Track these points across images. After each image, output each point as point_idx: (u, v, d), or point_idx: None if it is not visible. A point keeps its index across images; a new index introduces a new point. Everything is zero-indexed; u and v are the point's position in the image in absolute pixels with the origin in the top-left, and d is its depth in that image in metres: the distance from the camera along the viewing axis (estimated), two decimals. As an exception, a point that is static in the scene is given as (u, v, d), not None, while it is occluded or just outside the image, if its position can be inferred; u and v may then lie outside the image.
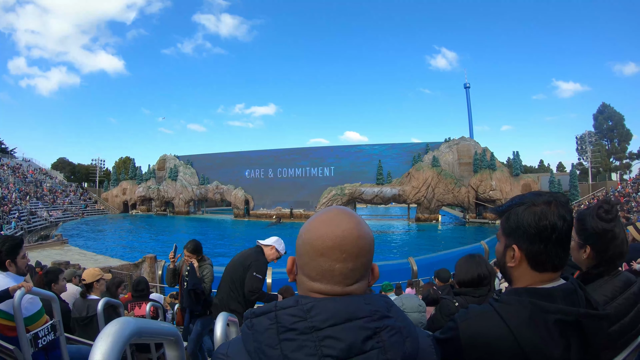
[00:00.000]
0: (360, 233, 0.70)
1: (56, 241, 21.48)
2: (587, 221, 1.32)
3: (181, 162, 54.18)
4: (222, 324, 1.46)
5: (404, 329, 0.67)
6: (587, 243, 1.32)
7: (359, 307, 0.66)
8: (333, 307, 0.65)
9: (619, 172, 47.60)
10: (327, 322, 0.63)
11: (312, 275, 0.70)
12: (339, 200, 41.78)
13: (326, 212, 0.74)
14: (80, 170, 69.50)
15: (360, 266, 0.70)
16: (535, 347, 0.82)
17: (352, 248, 0.68)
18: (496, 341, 0.84)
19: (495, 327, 0.86)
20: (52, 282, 3.50)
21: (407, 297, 3.40)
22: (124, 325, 0.69)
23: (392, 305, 0.71)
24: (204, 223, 42.89)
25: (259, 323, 0.66)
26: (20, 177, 43.85)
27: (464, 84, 59.29)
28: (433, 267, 6.26)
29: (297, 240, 0.74)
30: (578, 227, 1.35)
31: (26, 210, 33.87)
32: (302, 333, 0.62)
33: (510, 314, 0.86)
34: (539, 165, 61.35)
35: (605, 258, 1.29)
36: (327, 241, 0.68)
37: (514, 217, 0.92)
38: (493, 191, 38.05)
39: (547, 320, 0.84)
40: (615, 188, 33.06)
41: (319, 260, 0.69)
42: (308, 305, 0.65)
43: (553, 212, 0.89)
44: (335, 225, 0.69)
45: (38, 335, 2.22)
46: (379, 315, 0.66)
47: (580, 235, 1.34)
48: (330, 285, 0.69)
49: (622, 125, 49.15)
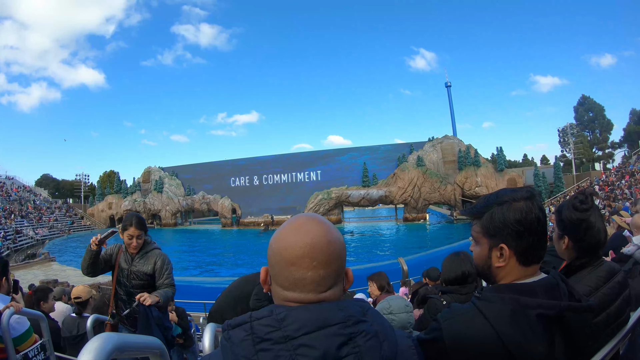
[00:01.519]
0: (330, 239, 0.69)
1: (43, 259, 21.34)
2: (563, 212, 1.35)
3: (166, 174, 53.54)
4: (210, 335, 1.46)
5: (380, 333, 0.66)
6: (564, 233, 1.34)
7: (332, 314, 0.65)
8: (306, 315, 0.64)
9: (602, 161, 48.08)
10: (301, 330, 0.62)
11: (285, 285, 0.69)
12: (326, 204, 41.63)
13: (295, 220, 0.73)
14: (65, 186, 68.36)
15: (332, 272, 0.69)
16: (518, 343, 0.82)
17: (322, 255, 0.68)
18: (480, 340, 0.84)
19: (478, 326, 0.85)
20: (42, 301, 3.44)
21: (394, 299, 3.34)
22: (106, 341, 0.69)
23: (368, 309, 0.69)
24: (193, 234, 42.40)
25: (235, 335, 0.65)
26: (4, 195, 43.02)
27: (445, 83, 59.46)
28: (423, 266, 6.17)
29: (268, 251, 0.73)
30: (557, 218, 1.38)
31: (11, 229, 33.26)
32: (276, 343, 0.62)
33: (492, 312, 0.86)
34: (523, 160, 61.91)
35: (584, 247, 1.29)
36: (296, 250, 0.67)
37: (499, 217, 0.92)
38: (479, 187, 38.24)
39: (528, 316, 0.83)
40: (600, 177, 33.30)
41: (290, 269, 0.68)
42: (281, 315, 0.64)
43: (535, 206, 0.91)
44: (304, 233, 0.68)
45: (28, 356, 2.20)
46: (353, 321, 0.65)
47: (559, 226, 1.37)
48: (303, 293, 0.68)
49: (602, 116, 49.96)
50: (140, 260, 2.86)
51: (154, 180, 52.48)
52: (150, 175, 53.69)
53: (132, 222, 2.79)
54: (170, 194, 51.04)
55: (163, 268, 2.87)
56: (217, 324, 1.67)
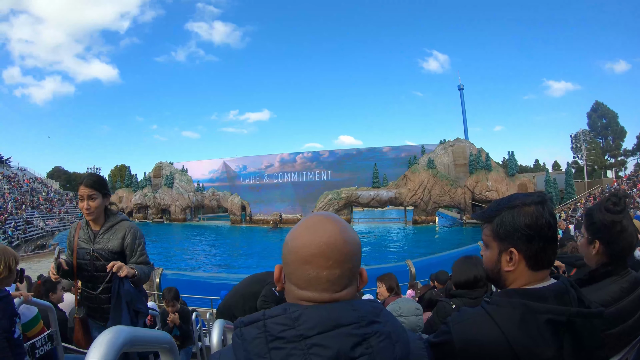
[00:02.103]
0: (346, 238, 0.69)
1: (53, 250, 21.33)
2: (594, 215, 1.30)
3: (177, 169, 54.00)
4: (218, 331, 1.42)
5: (393, 334, 0.66)
6: (595, 237, 1.29)
7: (346, 314, 0.65)
8: (320, 315, 0.64)
9: (614, 169, 47.74)
10: (315, 329, 0.62)
11: (300, 284, 0.69)
12: (336, 204, 41.66)
13: (310, 219, 0.73)
14: (76, 178, 68.99)
15: (347, 272, 0.69)
16: (527, 348, 0.82)
17: (338, 254, 0.68)
18: (489, 344, 0.84)
19: (487, 330, 0.86)
20: (50, 292, 3.45)
21: (404, 301, 3.31)
22: (117, 335, 0.69)
23: (381, 310, 0.70)
24: (202, 230, 42.69)
25: (247, 332, 0.65)
26: (16, 186, 43.55)
27: (458, 86, 59.30)
28: (431, 269, 6.17)
29: (283, 249, 0.73)
30: (587, 222, 1.33)
31: (22, 219, 33.58)
32: (290, 341, 0.62)
33: (502, 316, 0.86)
34: (534, 165, 61.46)
35: (615, 251, 1.25)
36: (312, 249, 0.67)
37: (510, 221, 0.92)
38: (489, 192, 38.05)
39: (538, 321, 0.83)
40: (611, 185, 33.08)
41: (305, 268, 0.68)
42: (296, 314, 0.64)
43: (546, 211, 0.91)
44: (320, 232, 0.69)
45: (35, 345, 2.19)
46: (366, 321, 0.65)
47: (589, 230, 1.32)
48: (318, 292, 0.68)
49: (616, 123, 49.34)
50: (105, 236, 2.29)
51: (165, 176, 52.90)
52: (161, 170, 54.15)
53: (83, 180, 2.21)
54: (180, 190, 51.39)
55: (135, 243, 2.32)
56: (226, 321, 1.70)
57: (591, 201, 29.98)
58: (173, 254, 26.29)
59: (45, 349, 2.27)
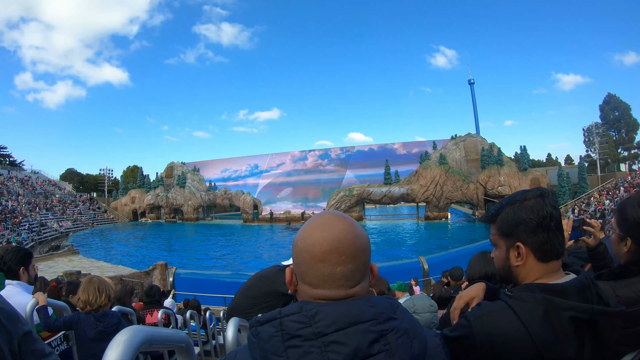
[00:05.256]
0: (356, 233, 0.70)
1: (67, 251, 21.68)
2: (628, 211, 1.22)
3: (188, 169, 54.51)
4: (233, 329, 1.41)
5: (410, 330, 0.66)
6: (628, 235, 1.22)
7: (364, 310, 0.65)
8: (337, 312, 0.64)
9: (627, 162, 47.10)
10: (332, 327, 0.62)
11: (314, 283, 0.69)
12: (348, 201, 41.79)
13: (318, 218, 0.74)
14: (89, 180, 70.10)
15: (360, 266, 0.70)
16: (549, 344, 0.81)
17: (349, 249, 0.68)
18: (511, 338, 0.83)
19: (510, 324, 0.85)
20: (71, 294, 3.49)
21: (418, 298, 3.38)
22: (135, 334, 0.69)
23: (398, 306, 0.70)
24: (214, 229, 43.12)
25: (263, 331, 0.65)
26: (30, 188, 44.33)
27: (468, 80, 59.01)
28: (444, 265, 6.14)
29: (293, 249, 0.73)
30: (619, 217, 1.26)
31: (36, 221, 34.23)
32: (307, 339, 0.61)
33: (525, 311, 0.85)
34: (547, 159, 60.97)
35: None
36: (324, 245, 0.68)
37: (512, 216, 0.94)
38: (502, 187, 37.84)
39: (561, 317, 0.83)
40: (625, 179, 32.77)
41: (318, 266, 0.68)
42: (312, 311, 0.64)
43: (546, 203, 0.93)
44: (330, 228, 0.69)
45: (51, 345, 2.20)
46: (384, 318, 0.65)
47: (621, 227, 1.25)
48: (333, 289, 0.68)
49: (629, 115, 48.77)
50: None
51: (177, 175, 53.41)
52: (173, 170, 54.69)
53: None
54: (192, 189, 51.85)
55: None
56: (241, 319, 1.68)
57: (609, 194, 29.75)
58: (187, 253, 26.56)
59: (60, 349, 2.29)
